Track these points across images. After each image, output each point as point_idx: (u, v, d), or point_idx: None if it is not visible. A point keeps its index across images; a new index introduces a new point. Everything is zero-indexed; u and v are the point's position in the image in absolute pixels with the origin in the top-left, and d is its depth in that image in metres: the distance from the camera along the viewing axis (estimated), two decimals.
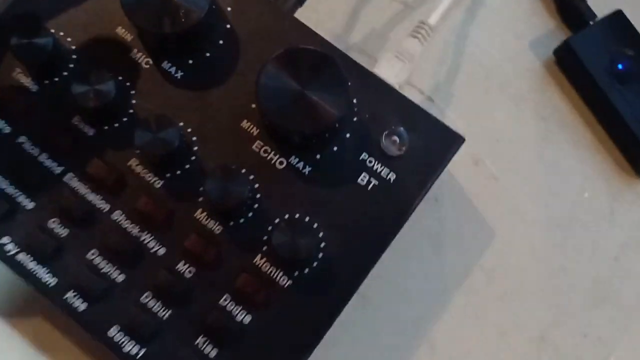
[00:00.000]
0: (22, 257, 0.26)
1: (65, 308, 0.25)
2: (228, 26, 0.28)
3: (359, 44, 0.33)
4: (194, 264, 0.26)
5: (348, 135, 0.27)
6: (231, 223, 0.26)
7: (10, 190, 0.26)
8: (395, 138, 0.27)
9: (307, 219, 0.26)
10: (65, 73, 0.27)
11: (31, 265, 0.26)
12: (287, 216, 0.26)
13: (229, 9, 0.28)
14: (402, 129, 0.27)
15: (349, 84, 0.26)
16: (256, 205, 0.26)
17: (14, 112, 0.27)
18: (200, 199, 0.26)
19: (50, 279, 0.25)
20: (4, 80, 0.27)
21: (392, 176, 0.26)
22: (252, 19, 0.28)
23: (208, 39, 0.27)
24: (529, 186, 0.31)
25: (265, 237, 0.26)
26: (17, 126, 0.27)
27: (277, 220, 0.26)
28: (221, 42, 0.28)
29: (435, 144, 0.27)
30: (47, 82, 0.27)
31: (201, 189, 0.26)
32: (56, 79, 0.27)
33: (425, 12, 0.32)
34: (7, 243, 0.26)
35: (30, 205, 0.26)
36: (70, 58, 0.27)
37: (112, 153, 0.27)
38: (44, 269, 0.26)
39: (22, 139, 0.27)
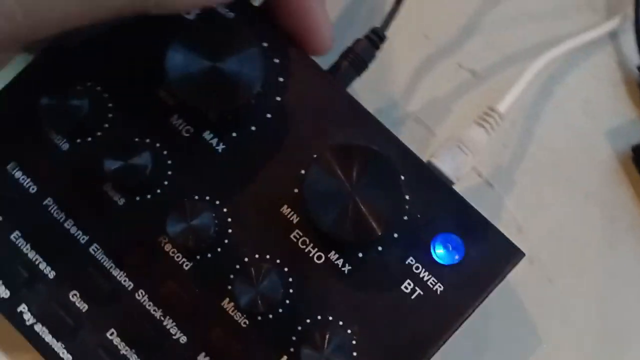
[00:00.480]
0: (39, 328, 0.24)
1: None
2: (278, 99, 0.25)
3: (418, 112, 0.30)
4: (215, 359, 0.24)
5: (396, 235, 0.24)
6: (259, 318, 0.24)
7: (32, 255, 0.25)
8: (448, 245, 0.24)
9: (340, 323, 0.24)
10: (100, 133, 0.25)
11: (47, 338, 0.24)
12: (319, 318, 0.24)
13: (280, 79, 0.25)
14: (456, 235, 0.24)
15: (402, 179, 0.24)
16: (288, 301, 0.24)
17: (40, 171, 0.25)
18: (229, 287, 0.24)
19: (65, 356, 0.24)
20: (31, 134, 0.25)
21: (439, 287, 0.24)
22: (304, 92, 0.25)
23: (256, 111, 0.25)
24: (585, 293, 0.28)
25: (294, 338, 0.24)
26: (43, 186, 0.25)
27: (308, 321, 0.24)
28: (269, 115, 0.25)
29: (491, 257, 0.24)
30: (79, 140, 0.25)
31: (231, 276, 0.24)
32: (89, 139, 0.25)
33: (494, 86, 0.29)
34: (25, 312, 0.25)
35: (51, 274, 0.25)
36: (106, 117, 0.25)
37: (142, 226, 0.25)
38: (60, 344, 0.24)
39: (48, 201, 0.25)
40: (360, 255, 0.24)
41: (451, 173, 0.26)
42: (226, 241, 0.25)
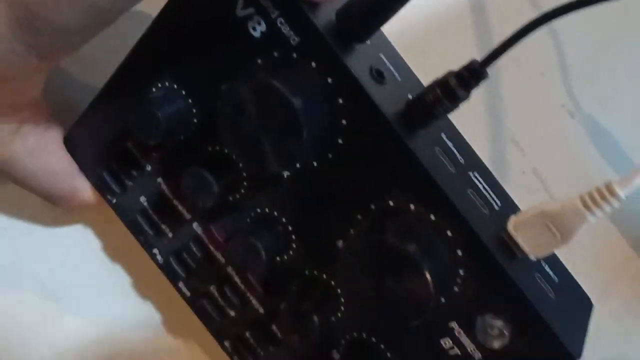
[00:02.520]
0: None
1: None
2: (340, 142, 0.23)
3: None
4: None
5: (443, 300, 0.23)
6: None
7: (155, 218, 0.30)
8: (496, 331, 0.23)
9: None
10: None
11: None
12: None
13: (343, 122, 0.23)
14: (507, 326, 0.23)
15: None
16: None
17: (150, 151, 0.28)
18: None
19: (185, 291, 0.31)
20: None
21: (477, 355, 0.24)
22: (367, 143, 0.23)
23: (318, 149, 0.23)
24: None
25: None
26: (155, 167, 0.29)
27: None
28: (331, 156, 0.23)
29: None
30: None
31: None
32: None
33: None
34: (157, 254, 0.31)
35: (170, 234, 0.30)
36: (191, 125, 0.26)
37: (211, 234, 0.28)
38: (181, 283, 0.31)
39: (160, 180, 0.29)
40: None
41: (529, 250, 0.22)
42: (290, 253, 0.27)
